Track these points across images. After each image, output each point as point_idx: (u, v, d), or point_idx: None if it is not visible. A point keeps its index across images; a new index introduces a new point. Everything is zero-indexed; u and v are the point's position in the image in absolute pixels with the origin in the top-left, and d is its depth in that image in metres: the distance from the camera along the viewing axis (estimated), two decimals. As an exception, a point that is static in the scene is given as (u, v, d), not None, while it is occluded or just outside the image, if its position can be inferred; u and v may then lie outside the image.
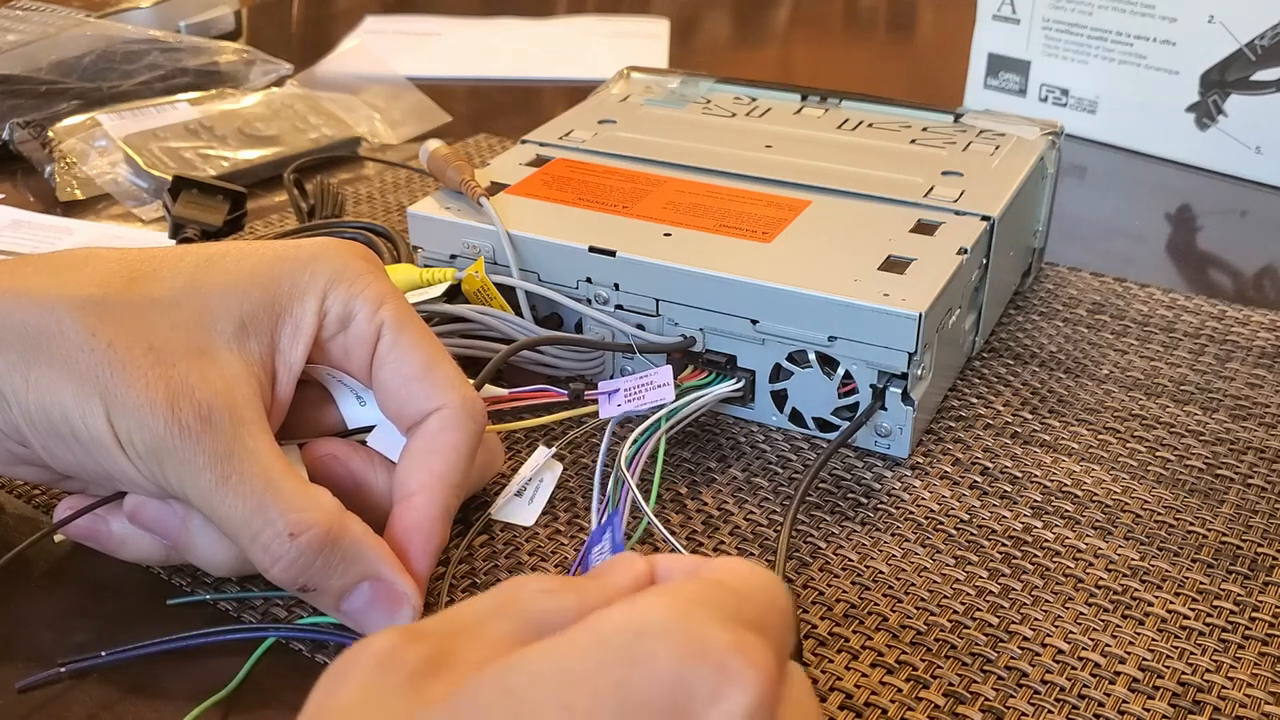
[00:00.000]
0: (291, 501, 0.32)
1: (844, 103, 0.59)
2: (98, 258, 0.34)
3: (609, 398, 0.42)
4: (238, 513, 0.32)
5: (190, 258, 0.35)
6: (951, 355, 0.47)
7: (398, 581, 0.33)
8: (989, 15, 0.77)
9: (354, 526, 0.33)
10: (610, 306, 0.46)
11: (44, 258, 0.35)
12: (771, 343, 0.44)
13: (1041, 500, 0.41)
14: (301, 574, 0.32)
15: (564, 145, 0.54)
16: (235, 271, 0.35)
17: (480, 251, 0.47)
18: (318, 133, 0.72)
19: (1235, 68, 0.68)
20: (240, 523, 0.32)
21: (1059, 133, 0.55)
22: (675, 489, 0.42)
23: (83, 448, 0.32)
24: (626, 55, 0.91)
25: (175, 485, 0.32)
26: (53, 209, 0.64)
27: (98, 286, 0.33)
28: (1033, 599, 0.37)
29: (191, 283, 0.34)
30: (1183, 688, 0.34)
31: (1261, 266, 0.61)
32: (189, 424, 0.31)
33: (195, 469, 0.31)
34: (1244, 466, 0.44)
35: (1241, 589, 0.37)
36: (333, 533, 0.32)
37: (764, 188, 0.50)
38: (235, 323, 0.34)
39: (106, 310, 0.33)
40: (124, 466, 0.32)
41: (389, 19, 1.04)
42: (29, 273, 0.34)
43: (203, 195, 0.56)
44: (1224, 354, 0.51)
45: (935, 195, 0.49)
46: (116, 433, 0.31)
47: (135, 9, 0.89)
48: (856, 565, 0.38)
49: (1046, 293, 0.56)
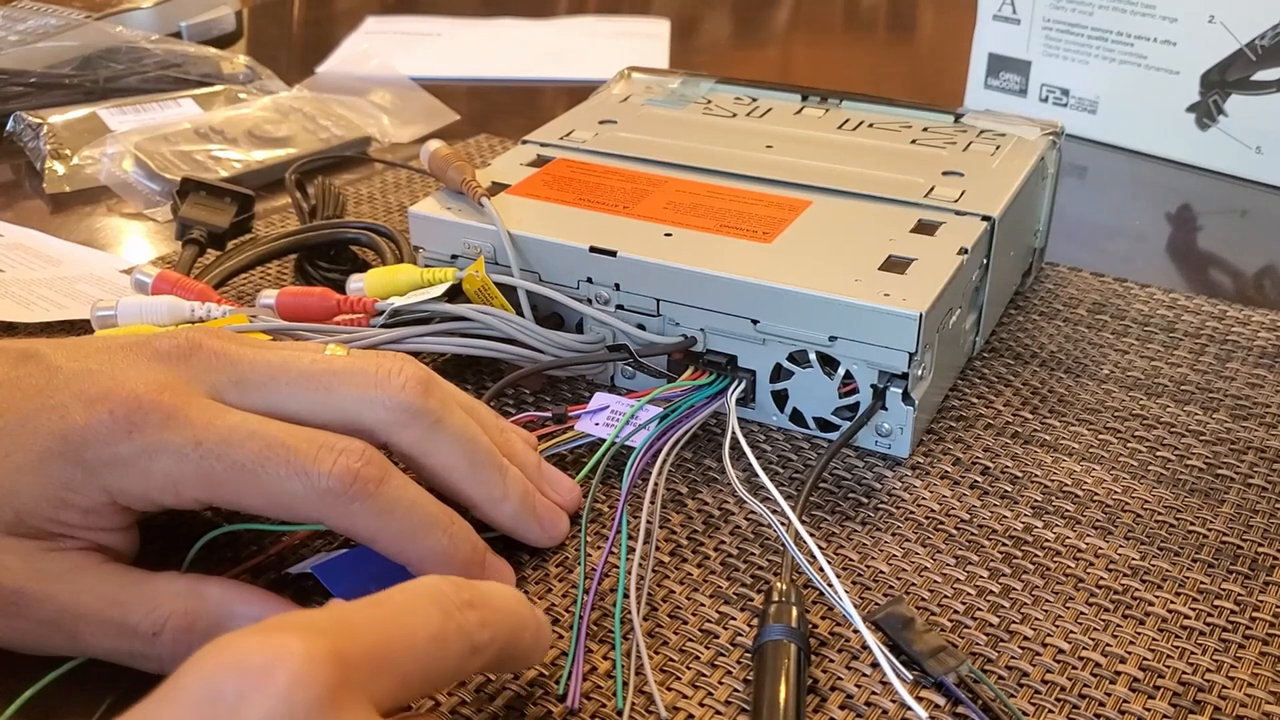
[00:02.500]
0: (136, 606, 0.32)
1: (844, 103, 0.59)
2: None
3: (592, 415, 0.42)
4: (106, 642, 0.32)
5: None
6: (952, 355, 0.47)
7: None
8: (989, 15, 0.78)
9: (210, 591, 0.33)
10: (611, 306, 0.46)
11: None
12: (772, 343, 0.44)
13: (1042, 500, 0.42)
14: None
15: (565, 145, 0.55)
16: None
17: (481, 251, 0.47)
18: (328, 134, 0.72)
19: (1235, 68, 0.68)
20: (112, 649, 0.32)
21: (1059, 133, 0.55)
22: (675, 489, 0.42)
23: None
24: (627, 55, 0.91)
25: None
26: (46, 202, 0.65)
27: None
28: (1033, 599, 0.37)
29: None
30: (1183, 687, 0.34)
31: (1262, 266, 0.61)
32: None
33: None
34: (1244, 466, 0.44)
35: (1242, 589, 0.38)
36: (190, 613, 0.32)
37: (764, 188, 0.50)
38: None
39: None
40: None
41: (389, 19, 1.04)
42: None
43: (210, 197, 0.56)
44: (1224, 354, 0.51)
45: (936, 195, 0.49)
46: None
47: (135, 9, 0.89)
48: (857, 565, 0.38)
49: (1047, 293, 0.56)
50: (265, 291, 0.45)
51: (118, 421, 0.31)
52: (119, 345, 0.33)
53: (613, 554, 0.38)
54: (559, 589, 0.37)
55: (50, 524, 0.31)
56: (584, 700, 0.33)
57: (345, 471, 0.32)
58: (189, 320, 0.44)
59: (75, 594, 0.32)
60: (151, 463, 0.31)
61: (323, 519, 0.32)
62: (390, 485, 0.32)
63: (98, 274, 0.56)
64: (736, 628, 0.36)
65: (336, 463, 0.32)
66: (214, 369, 0.33)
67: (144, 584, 0.32)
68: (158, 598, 0.32)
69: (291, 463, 0.31)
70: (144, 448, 0.31)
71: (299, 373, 0.34)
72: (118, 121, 0.71)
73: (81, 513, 0.32)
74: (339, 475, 0.31)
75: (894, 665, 0.33)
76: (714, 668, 0.34)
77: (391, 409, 0.34)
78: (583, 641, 0.34)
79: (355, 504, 0.32)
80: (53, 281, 0.55)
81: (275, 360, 0.34)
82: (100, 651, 0.32)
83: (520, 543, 0.38)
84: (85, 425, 0.31)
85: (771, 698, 0.32)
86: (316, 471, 0.31)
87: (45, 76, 0.76)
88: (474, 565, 0.35)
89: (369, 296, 0.46)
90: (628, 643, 0.34)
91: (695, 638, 0.35)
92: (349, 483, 0.32)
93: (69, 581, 0.32)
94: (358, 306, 0.45)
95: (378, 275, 0.47)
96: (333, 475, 0.31)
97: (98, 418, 0.31)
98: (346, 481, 0.32)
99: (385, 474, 0.32)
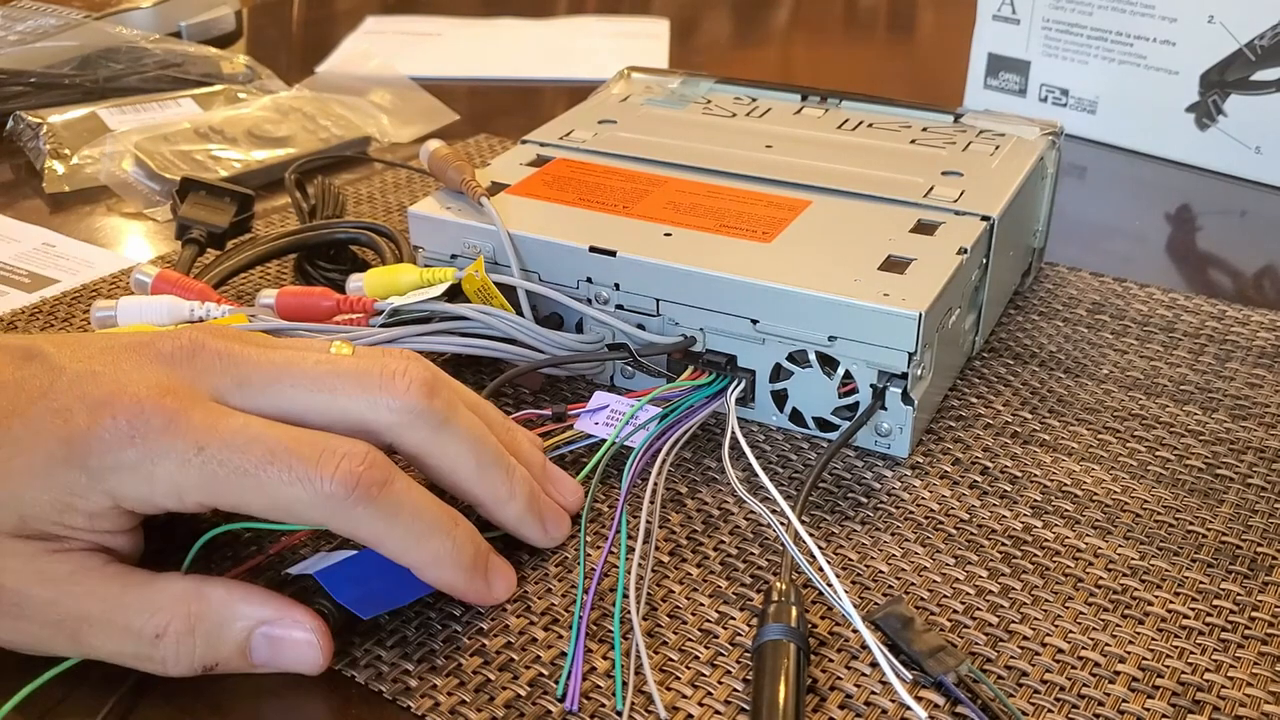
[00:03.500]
0: (139, 608, 0.32)
1: (844, 103, 0.59)
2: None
3: (592, 415, 0.42)
4: (110, 645, 0.32)
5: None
6: (951, 355, 0.47)
7: (284, 618, 0.33)
8: (989, 15, 0.78)
9: (213, 592, 0.32)
10: (611, 306, 0.46)
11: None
12: (772, 342, 0.44)
13: (1041, 500, 0.42)
14: (192, 663, 0.32)
15: (564, 145, 0.55)
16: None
17: (481, 251, 0.47)
18: (327, 133, 0.72)
19: (1235, 68, 0.68)
20: (115, 651, 0.32)
21: (1059, 133, 0.55)
22: (675, 489, 0.42)
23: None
24: (627, 55, 0.91)
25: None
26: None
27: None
28: (1032, 598, 0.37)
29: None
30: (1182, 687, 0.34)
31: (1261, 266, 0.61)
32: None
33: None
34: (1243, 466, 0.44)
35: (1241, 589, 0.38)
36: (193, 615, 0.32)
37: (764, 188, 0.50)
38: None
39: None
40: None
41: (389, 19, 1.04)
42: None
43: (210, 197, 0.56)
44: (1224, 354, 0.51)
45: (935, 195, 0.49)
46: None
47: (135, 9, 0.89)
48: (856, 565, 0.38)
49: (1046, 293, 0.56)
50: (265, 291, 0.45)
51: (121, 427, 0.31)
52: (122, 346, 0.33)
53: (612, 554, 0.38)
54: (559, 589, 0.37)
55: (54, 527, 0.31)
56: (583, 700, 0.33)
57: (348, 476, 0.31)
58: (189, 320, 0.44)
59: (78, 597, 0.32)
60: (155, 468, 0.31)
61: (326, 523, 0.32)
62: (393, 489, 0.32)
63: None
64: (736, 628, 0.36)
65: (339, 467, 0.31)
66: (217, 370, 0.33)
67: (147, 586, 0.32)
68: (161, 600, 0.32)
69: (294, 467, 0.31)
70: (147, 453, 0.31)
71: (303, 374, 0.34)
72: (117, 121, 0.71)
73: (85, 516, 0.32)
74: (342, 480, 0.31)
75: (893, 665, 0.33)
76: (713, 668, 0.34)
77: (397, 411, 0.34)
78: (582, 641, 0.34)
79: (359, 508, 0.32)
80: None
81: (279, 361, 0.34)
82: (103, 653, 0.32)
83: (520, 542, 0.38)
84: (89, 430, 0.31)
85: (771, 697, 0.32)
86: (319, 476, 0.31)
87: (45, 76, 0.76)
88: (477, 568, 0.35)
89: (369, 296, 0.46)
90: (627, 643, 0.34)
91: (695, 638, 0.35)
92: (351, 487, 0.31)
93: (72, 584, 0.32)
94: (357, 306, 0.45)
95: (377, 275, 0.47)
96: (335, 480, 0.31)
97: (101, 423, 0.31)
98: (349, 486, 0.31)
99: (388, 477, 0.32)
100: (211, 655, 0.32)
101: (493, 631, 0.35)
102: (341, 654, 0.34)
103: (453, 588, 0.35)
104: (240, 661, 0.33)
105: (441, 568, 0.34)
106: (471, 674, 0.34)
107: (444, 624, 0.35)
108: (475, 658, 0.34)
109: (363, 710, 0.33)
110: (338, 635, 0.33)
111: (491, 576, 0.36)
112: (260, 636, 0.32)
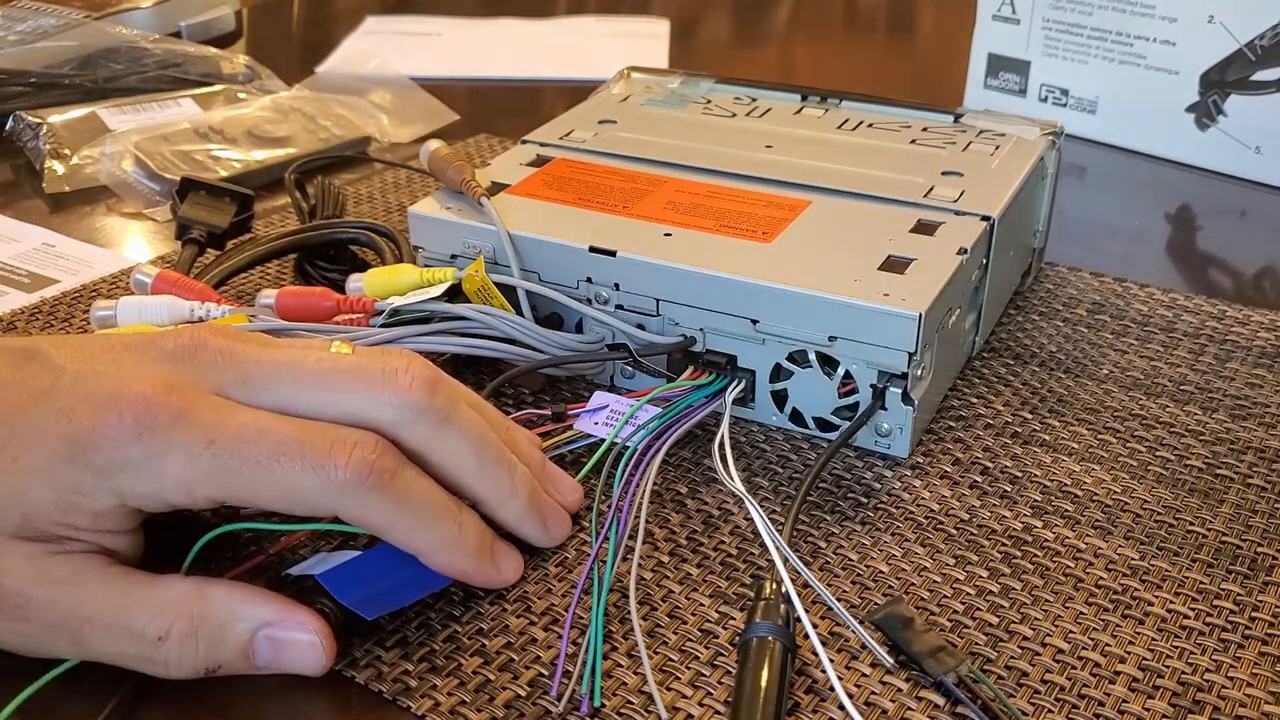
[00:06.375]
0: (141, 610, 0.32)
1: (844, 103, 0.59)
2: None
3: (591, 414, 0.42)
4: (111, 646, 0.32)
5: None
6: (951, 355, 0.47)
7: (286, 620, 0.33)
8: (989, 15, 0.78)
9: (216, 594, 0.32)
10: (610, 306, 0.46)
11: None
12: (771, 343, 0.44)
13: (1041, 500, 0.42)
14: (195, 665, 0.32)
15: (564, 145, 0.55)
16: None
17: (481, 251, 0.47)
18: (327, 133, 0.72)
19: (1235, 68, 0.68)
20: (117, 653, 0.32)
21: (1059, 133, 0.55)
22: (675, 489, 0.42)
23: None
24: (627, 55, 0.91)
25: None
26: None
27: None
28: (1033, 599, 0.37)
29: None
30: (1182, 687, 0.34)
31: (1261, 266, 0.61)
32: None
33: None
34: (1244, 466, 0.44)
35: (1241, 589, 0.38)
36: (195, 616, 0.32)
37: (764, 188, 0.50)
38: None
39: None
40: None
41: (389, 19, 1.04)
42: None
43: (210, 197, 0.56)
44: (1224, 354, 0.51)
45: (935, 195, 0.49)
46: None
47: (135, 9, 0.89)
48: (856, 565, 0.38)
49: (1046, 293, 0.56)
50: (265, 291, 0.45)
51: (126, 424, 0.31)
52: (123, 345, 0.33)
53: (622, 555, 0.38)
54: (559, 589, 0.37)
55: (57, 527, 0.31)
56: (583, 700, 0.33)
57: (361, 463, 0.32)
58: (189, 320, 0.44)
59: (80, 598, 0.32)
60: (163, 464, 0.31)
61: (338, 511, 0.32)
62: (404, 476, 0.33)
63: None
64: (736, 627, 0.36)
65: (353, 455, 0.32)
66: (219, 368, 0.33)
67: (149, 588, 0.32)
68: (163, 602, 0.32)
69: (307, 456, 0.31)
70: (154, 449, 0.31)
71: (305, 372, 0.34)
72: (117, 121, 0.71)
73: (90, 516, 0.31)
74: (355, 467, 0.32)
75: (893, 665, 0.33)
76: (713, 667, 0.34)
77: (399, 408, 0.34)
78: (583, 641, 0.34)
79: (372, 495, 0.32)
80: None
81: (281, 359, 0.34)
82: (105, 655, 0.32)
83: (520, 542, 0.38)
84: (93, 428, 0.31)
85: (752, 691, 0.31)
86: (333, 464, 0.31)
87: (45, 76, 0.76)
88: (483, 552, 0.35)
89: (368, 296, 0.46)
90: (628, 642, 0.34)
91: (694, 637, 0.35)
92: (365, 474, 0.32)
93: (74, 585, 0.32)
94: (357, 306, 0.45)
95: (377, 275, 0.47)
96: (349, 467, 0.32)
97: (106, 421, 0.31)
98: (363, 473, 0.32)
99: (399, 465, 0.33)
100: (214, 657, 0.32)
101: (493, 631, 0.35)
102: (342, 654, 0.34)
103: (462, 571, 0.35)
104: (243, 663, 0.32)
105: (450, 551, 0.34)
106: (471, 674, 0.34)
107: (444, 624, 0.35)
108: (475, 658, 0.34)
109: (363, 710, 0.33)
110: (338, 636, 0.33)
111: (499, 559, 0.36)
112: (263, 638, 0.32)
